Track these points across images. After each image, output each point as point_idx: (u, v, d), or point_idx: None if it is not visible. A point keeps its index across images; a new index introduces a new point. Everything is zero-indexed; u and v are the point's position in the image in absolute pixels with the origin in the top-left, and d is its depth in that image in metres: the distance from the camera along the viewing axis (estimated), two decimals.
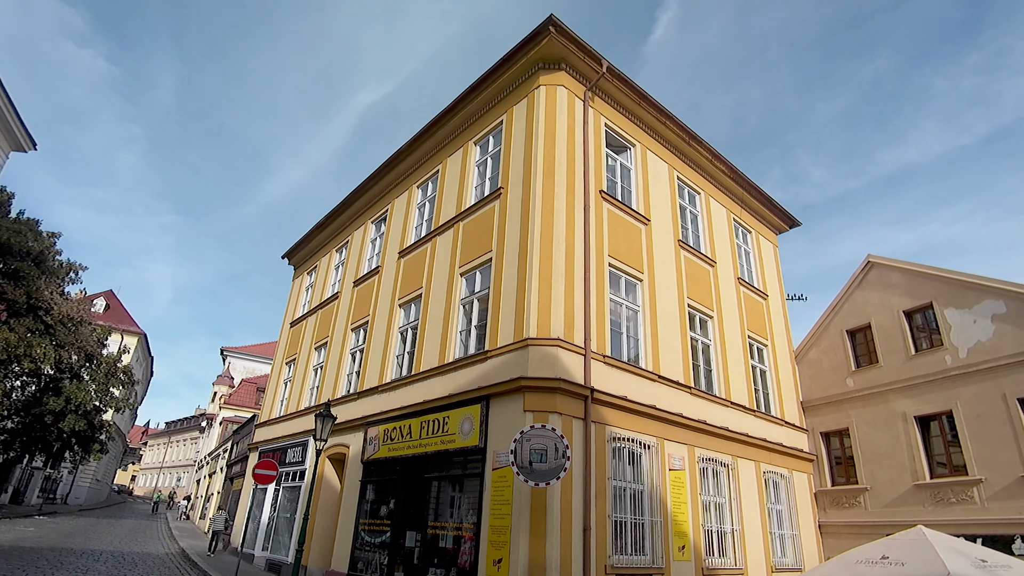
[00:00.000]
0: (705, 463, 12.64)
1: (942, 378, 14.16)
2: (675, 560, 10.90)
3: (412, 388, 12.81)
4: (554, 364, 10.06)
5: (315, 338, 19.37)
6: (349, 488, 14.05)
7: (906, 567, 10.32)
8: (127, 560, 16.26)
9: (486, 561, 9.45)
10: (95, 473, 44.57)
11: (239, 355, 54.19)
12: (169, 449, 75.02)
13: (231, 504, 25.14)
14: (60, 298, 25.37)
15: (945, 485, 13.58)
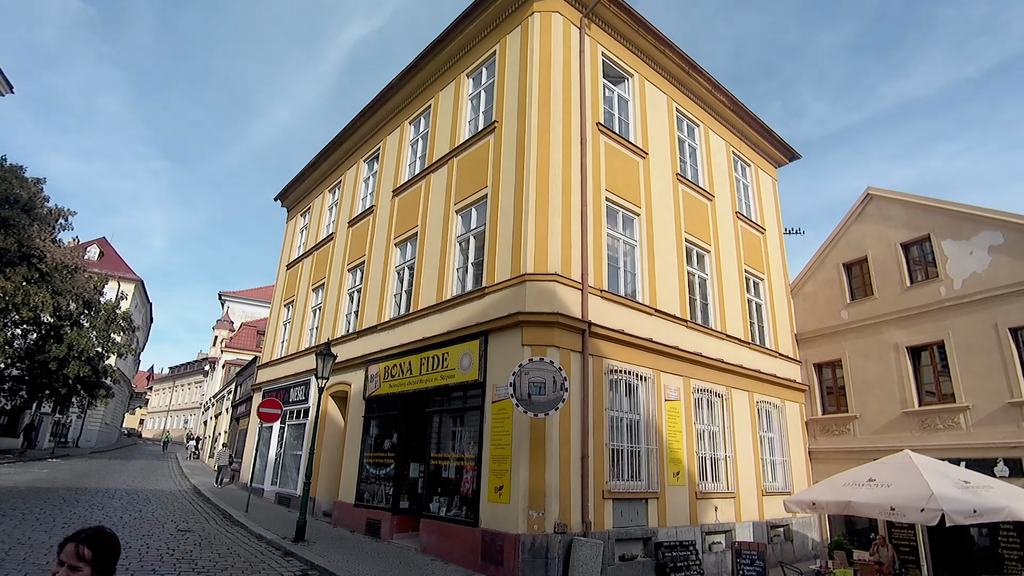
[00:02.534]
0: (700, 394, 12.93)
1: (935, 309, 14.30)
2: (670, 485, 11.33)
3: (411, 326, 12.91)
4: (551, 299, 10.10)
5: (312, 280, 19.37)
6: (353, 424, 14.40)
7: (892, 488, 10.77)
8: (141, 497, 16.81)
9: (488, 488, 9.80)
10: (104, 417, 45.55)
11: (237, 299, 54.34)
12: (175, 393, 76.46)
13: (238, 443, 25.86)
14: (53, 245, 25.19)
15: (933, 412, 13.95)
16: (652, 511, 10.89)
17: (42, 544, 9.46)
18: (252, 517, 13.79)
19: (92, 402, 31.83)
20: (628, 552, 10.29)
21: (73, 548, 2.13)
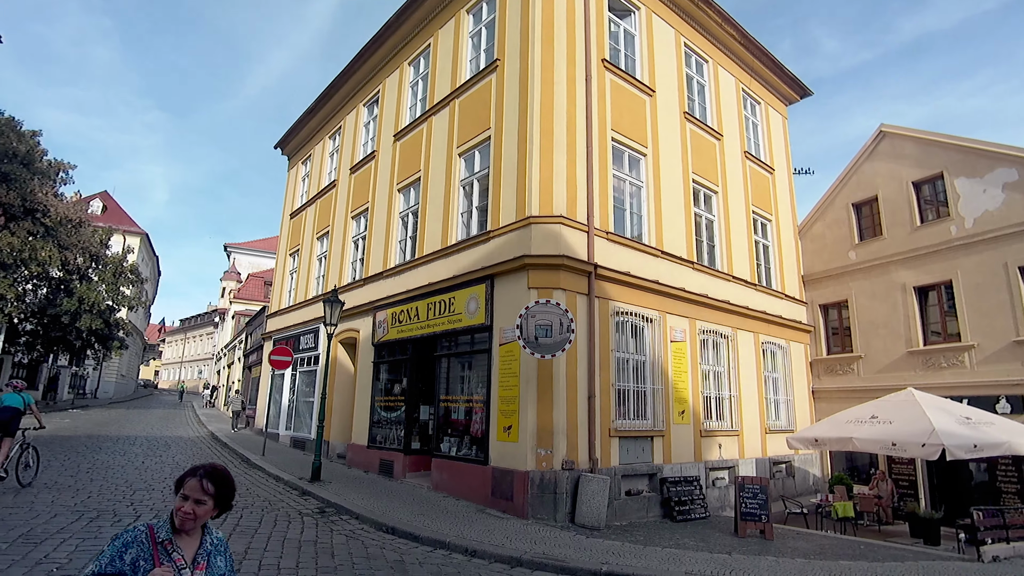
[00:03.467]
0: (705, 335, 13.01)
1: (945, 248, 14.17)
2: (675, 423, 11.55)
3: (417, 272, 12.92)
4: (557, 241, 10.04)
5: (316, 228, 19.30)
6: (363, 369, 14.64)
7: (893, 425, 10.95)
8: (161, 443, 17.32)
9: (497, 428, 10.02)
10: (119, 369, 46.48)
11: (243, 251, 54.42)
12: (187, 345, 77.76)
13: (252, 390, 26.44)
14: (56, 200, 25.11)
15: (937, 351, 14.02)
16: (657, 448, 11.15)
17: (68, 487, 9.83)
18: (269, 460, 14.23)
19: (107, 354, 32.41)
20: (634, 487, 10.60)
21: (197, 483, 2.20)
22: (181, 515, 2.18)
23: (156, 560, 2.09)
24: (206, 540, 2.29)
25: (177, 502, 2.21)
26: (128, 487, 10.11)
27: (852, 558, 8.48)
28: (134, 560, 2.06)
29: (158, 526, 2.20)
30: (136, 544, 2.10)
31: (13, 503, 8.28)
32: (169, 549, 2.15)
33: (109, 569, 2.03)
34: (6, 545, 6.28)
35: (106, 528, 7.28)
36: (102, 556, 2.06)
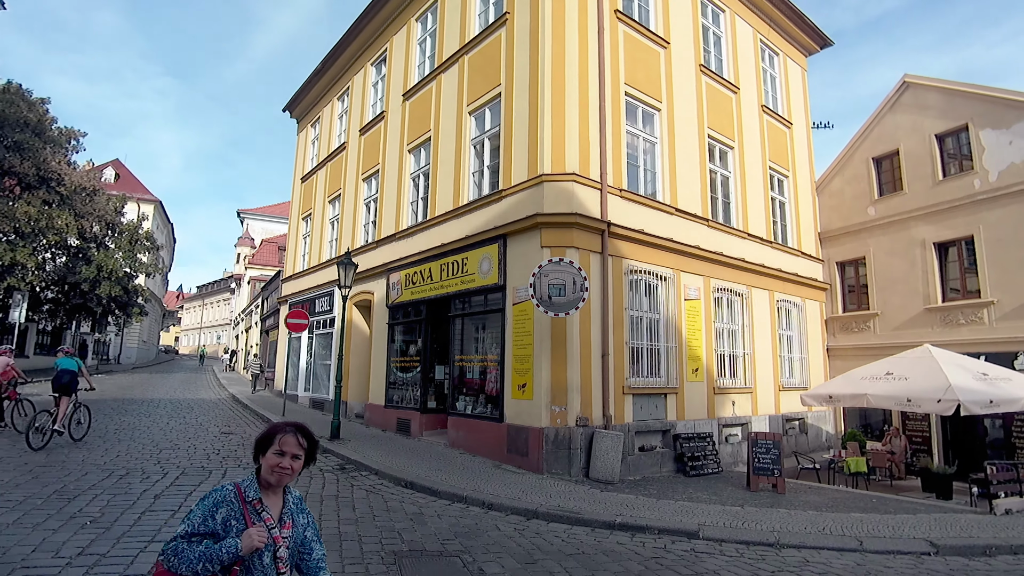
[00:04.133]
0: (720, 293, 12.94)
1: (968, 203, 13.84)
2: (688, 381, 11.60)
3: (429, 233, 12.89)
4: (570, 199, 9.93)
5: (328, 191, 19.26)
6: (378, 331, 14.80)
7: (909, 381, 10.91)
8: (184, 405, 17.76)
9: (511, 387, 10.13)
10: (140, 335, 47.42)
11: (256, 216, 54.62)
12: (205, 311, 79.03)
13: (270, 354, 26.91)
14: (69, 168, 25.25)
15: (955, 308, 13.85)
16: (671, 405, 11.24)
17: (98, 447, 10.17)
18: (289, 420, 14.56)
19: (127, 320, 33.02)
20: (647, 443, 10.74)
21: (294, 438, 2.20)
22: (279, 471, 2.16)
23: (248, 520, 2.07)
24: (288, 498, 2.28)
25: (271, 459, 2.17)
26: (155, 447, 10.43)
27: (863, 511, 8.57)
28: (225, 520, 2.04)
29: (245, 485, 2.18)
30: (226, 504, 2.07)
31: (46, 461, 8.58)
32: (258, 508, 2.13)
33: (202, 528, 2.01)
34: (41, 501, 6.53)
35: (135, 484, 7.54)
36: (192, 516, 2.04)
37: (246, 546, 2.00)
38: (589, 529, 6.86)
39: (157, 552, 5.25)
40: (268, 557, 2.08)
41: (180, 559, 1.94)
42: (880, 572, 5.85)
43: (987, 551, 6.71)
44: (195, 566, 1.93)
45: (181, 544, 1.96)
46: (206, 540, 1.99)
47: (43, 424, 9.65)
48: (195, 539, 1.99)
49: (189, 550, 1.95)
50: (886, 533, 7.16)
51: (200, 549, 1.95)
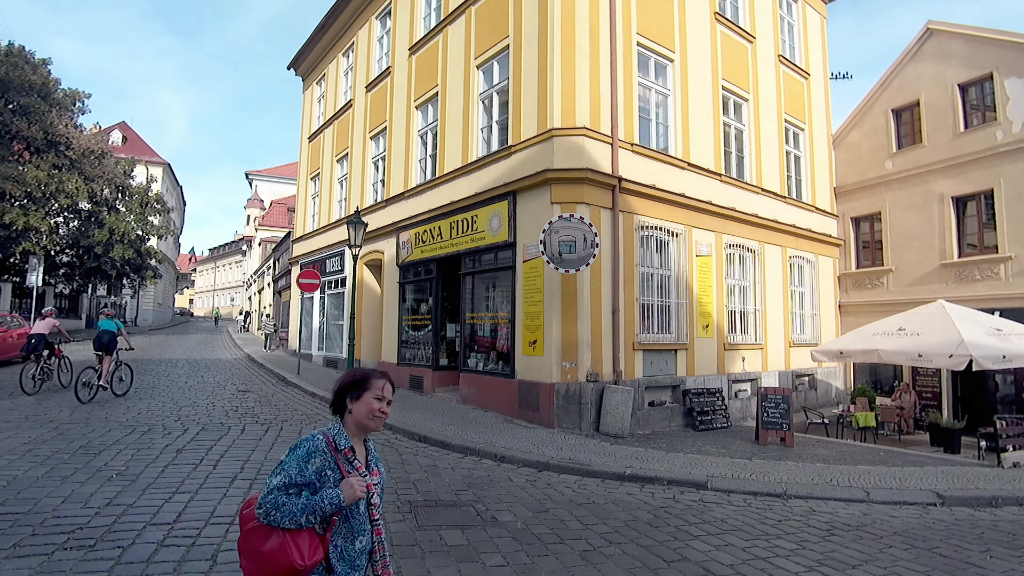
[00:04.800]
0: (732, 249, 12.82)
1: (989, 155, 13.49)
2: (699, 337, 11.62)
3: (438, 191, 12.79)
4: (580, 154, 9.77)
5: (335, 151, 19.09)
6: (389, 290, 14.88)
7: (921, 336, 10.86)
8: (201, 365, 18.11)
9: (522, 343, 10.21)
10: (155, 297, 48.06)
11: (265, 178, 54.41)
12: (217, 273, 79.76)
13: (283, 314, 27.24)
14: (76, 131, 25.15)
15: (971, 263, 13.65)
16: (681, 361, 11.30)
17: (119, 405, 10.44)
18: (304, 378, 14.82)
19: (142, 283, 33.43)
20: (657, 399, 10.84)
21: (390, 384, 2.17)
22: (380, 415, 2.11)
23: (342, 469, 2.01)
24: (369, 446, 2.23)
25: (372, 403, 2.10)
26: (174, 404, 10.68)
27: (871, 463, 8.66)
28: (319, 470, 1.96)
29: (333, 434, 2.09)
30: (319, 454, 1.99)
31: (70, 419, 8.83)
32: (350, 457, 2.07)
33: (298, 480, 1.93)
34: (68, 455, 6.74)
35: (157, 440, 7.75)
36: (286, 466, 1.95)
37: (348, 496, 1.96)
38: (599, 480, 7.01)
39: (174, 499, 5.44)
40: (363, 505, 2.06)
41: (282, 512, 1.88)
42: (885, 521, 5.94)
43: (993, 502, 6.78)
44: (298, 518, 1.88)
45: (280, 497, 1.89)
46: (304, 491, 1.93)
47: (89, 379, 10.45)
48: (292, 491, 1.92)
49: (290, 503, 1.89)
50: (893, 485, 7.25)
51: (301, 501, 1.90)
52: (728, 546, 4.96)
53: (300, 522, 1.88)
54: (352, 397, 2.12)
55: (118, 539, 4.41)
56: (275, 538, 1.88)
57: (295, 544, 1.87)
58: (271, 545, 1.87)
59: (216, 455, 7.14)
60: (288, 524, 1.87)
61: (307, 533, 1.91)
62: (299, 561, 1.85)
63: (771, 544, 5.07)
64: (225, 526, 4.79)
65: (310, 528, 1.91)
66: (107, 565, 3.96)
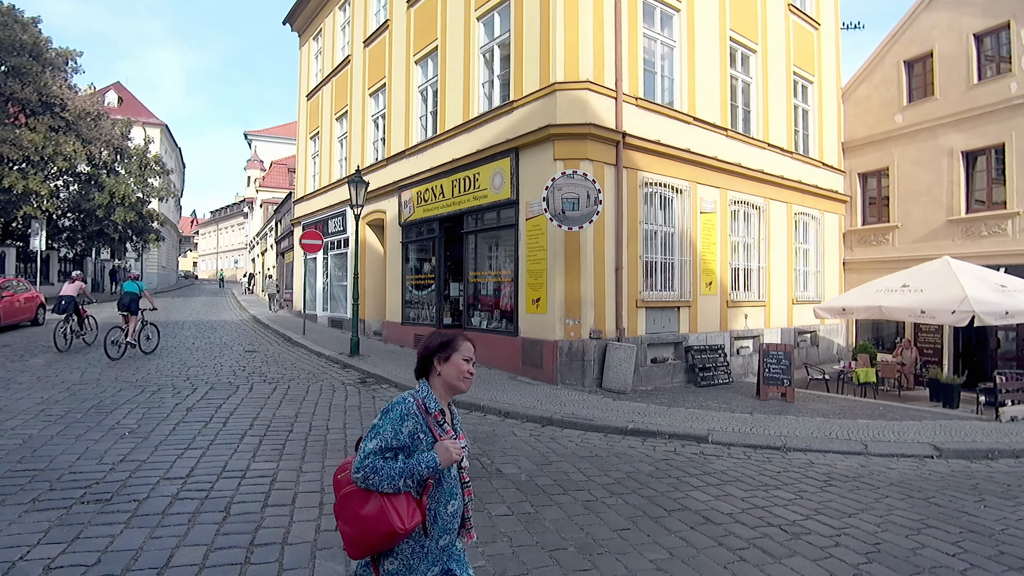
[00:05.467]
0: (737, 206, 12.70)
1: (1002, 108, 13.19)
2: (702, 294, 11.63)
3: (439, 148, 12.62)
4: (583, 109, 9.58)
5: (334, 108, 18.76)
6: (392, 250, 14.86)
7: (924, 293, 10.83)
8: (208, 326, 18.27)
9: (526, 301, 10.24)
10: (159, 260, 48.16)
11: (264, 138, 53.72)
12: (220, 235, 79.64)
13: (287, 275, 27.32)
14: (70, 92, 24.75)
15: (978, 219, 13.52)
16: (683, 318, 11.34)
17: (128, 367, 10.58)
18: (309, 339, 14.96)
19: (145, 246, 33.44)
20: (659, 355, 10.93)
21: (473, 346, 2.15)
22: (468, 377, 2.08)
23: (434, 433, 1.98)
24: (453, 409, 2.18)
25: (461, 365, 2.07)
26: (183, 364, 10.82)
27: (870, 418, 8.78)
28: (412, 433, 1.93)
29: (423, 396, 2.04)
30: (412, 417, 1.94)
31: (80, 380, 8.97)
32: (440, 420, 2.03)
33: (393, 443, 1.90)
34: (80, 415, 6.88)
35: (167, 399, 7.89)
36: (381, 429, 1.92)
37: (444, 459, 1.92)
38: (602, 435, 7.13)
39: (186, 455, 5.57)
40: (454, 468, 2.05)
41: (380, 476, 1.85)
42: (882, 473, 6.06)
43: (989, 455, 6.89)
44: (396, 482, 1.86)
45: (377, 461, 1.86)
46: (399, 455, 1.91)
47: (117, 338, 11.10)
48: (387, 455, 1.89)
49: (387, 467, 1.86)
50: (891, 438, 7.36)
51: (399, 465, 1.87)
52: (727, 496, 5.07)
53: (398, 486, 1.86)
54: (440, 358, 2.08)
55: (133, 493, 4.53)
56: (374, 502, 1.86)
57: (394, 508, 1.85)
58: (370, 509, 1.85)
59: (225, 413, 7.28)
60: (386, 488, 1.85)
61: (404, 497, 1.89)
62: (400, 525, 1.84)
63: (769, 494, 5.18)
64: (237, 480, 4.92)
65: (407, 492, 1.89)
66: (124, 517, 4.08)
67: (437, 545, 1.97)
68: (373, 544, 1.87)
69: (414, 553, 1.92)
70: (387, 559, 1.92)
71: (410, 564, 1.92)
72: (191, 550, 3.63)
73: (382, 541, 1.86)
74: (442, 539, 1.99)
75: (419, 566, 1.93)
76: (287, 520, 4.15)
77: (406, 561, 1.92)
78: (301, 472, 5.21)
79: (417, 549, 1.92)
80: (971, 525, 4.60)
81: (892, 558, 3.94)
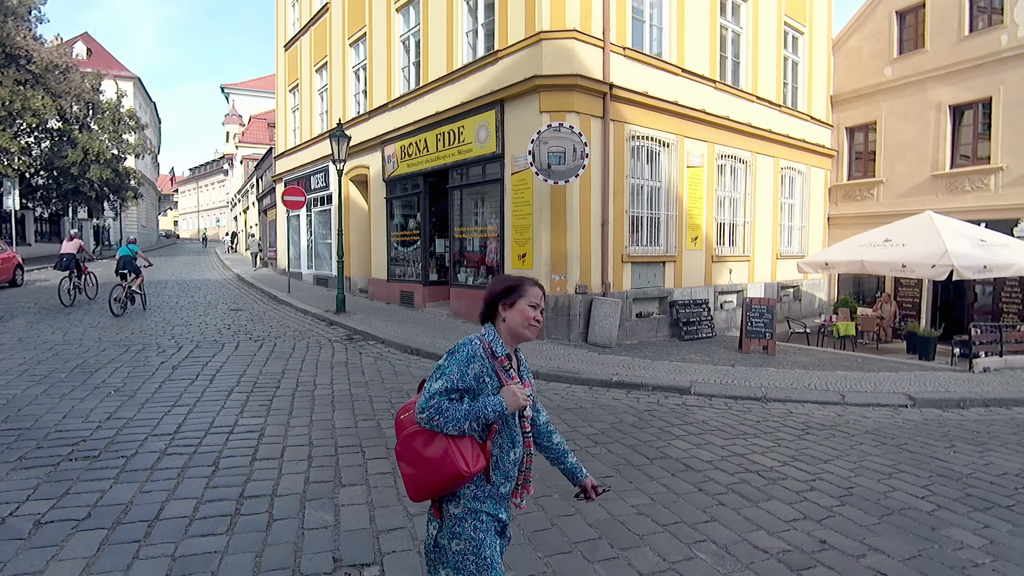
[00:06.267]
0: (724, 160, 12.62)
1: (991, 61, 13.08)
2: (687, 249, 11.67)
3: (422, 101, 12.32)
4: (570, 59, 9.35)
5: (314, 60, 18.15)
6: (376, 206, 14.67)
7: (906, 247, 10.95)
8: (191, 285, 18.08)
9: (511, 256, 10.21)
10: (138, 219, 47.16)
11: (241, 91, 52.02)
12: (200, 193, 77.95)
13: (270, 234, 26.98)
14: (36, 43, 23.61)
15: (962, 175, 13.57)
16: (668, 273, 11.40)
17: (111, 326, 10.47)
18: (295, 296, 14.88)
19: (123, 204, 32.67)
20: (644, 310, 11.03)
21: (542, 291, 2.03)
22: (536, 324, 1.97)
23: (500, 377, 1.90)
24: (521, 357, 2.06)
25: (527, 311, 1.95)
26: (167, 324, 10.74)
27: (848, 369, 9.00)
28: (478, 376, 1.86)
29: (490, 339, 1.95)
30: (478, 359, 1.87)
31: (63, 340, 8.87)
32: (506, 365, 1.93)
33: (460, 385, 1.83)
34: (64, 374, 6.83)
35: (152, 358, 7.85)
36: (447, 371, 1.84)
37: (511, 403, 1.85)
38: (587, 387, 7.25)
39: (173, 412, 5.58)
40: (517, 416, 1.97)
41: (445, 418, 1.78)
42: (858, 422, 6.24)
43: (961, 403, 7.12)
44: (461, 424, 1.79)
45: (443, 401, 1.80)
46: (465, 397, 1.85)
47: (118, 296, 11.57)
48: (453, 396, 1.83)
49: (453, 408, 1.80)
50: (867, 388, 7.56)
51: (464, 407, 1.81)
52: (708, 444, 5.21)
53: (463, 428, 1.79)
54: (505, 304, 1.98)
55: (121, 450, 4.55)
56: (438, 443, 1.80)
57: (459, 450, 1.79)
58: (434, 450, 1.79)
59: (211, 371, 7.27)
60: (451, 430, 1.79)
61: (469, 440, 1.82)
62: (464, 468, 1.78)
63: (748, 442, 5.33)
64: (225, 435, 4.95)
65: (471, 436, 1.83)
66: (113, 473, 4.10)
67: (498, 492, 1.92)
68: (436, 487, 1.82)
69: (476, 498, 1.88)
70: (450, 503, 1.88)
71: (474, 506, 1.88)
72: (181, 503, 3.67)
73: (446, 483, 1.80)
74: (503, 486, 1.94)
75: (483, 507, 1.89)
76: (276, 473, 4.20)
77: (469, 504, 1.87)
78: (289, 427, 5.25)
79: (479, 494, 1.88)
80: (940, 470, 4.78)
81: (864, 501, 4.10)
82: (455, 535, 1.86)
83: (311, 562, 3.05)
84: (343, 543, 3.25)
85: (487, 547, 1.86)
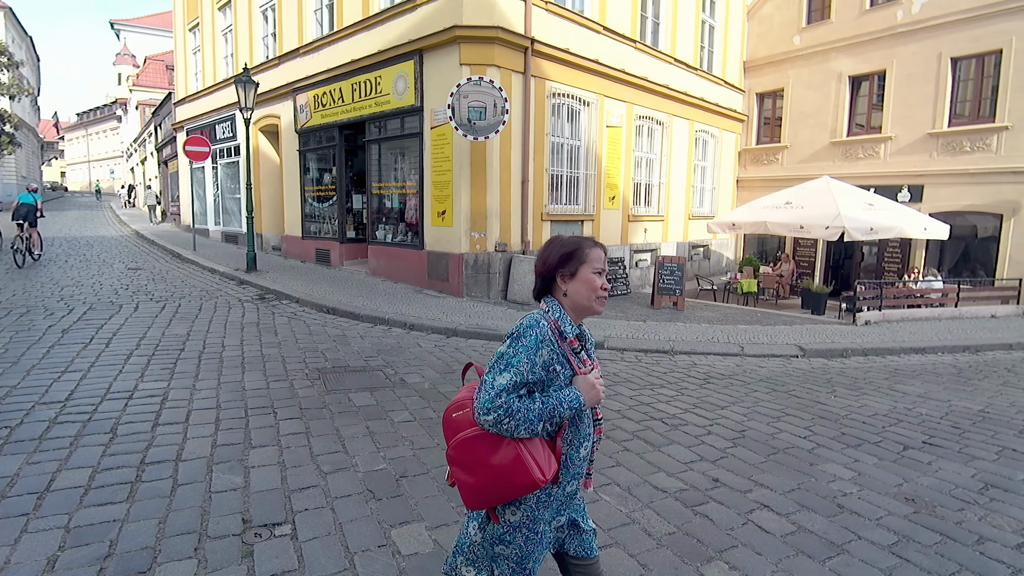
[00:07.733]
0: (642, 121, 12.88)
1: (887, 35, 13.92)
2: (605, 209, 11.94)
3: (337, 47, 11.65)
4: (491, 10, 9.10)
5: None
6: (288, 159, 13.93)
7: (805, 209, 11.74)
8: (82, 243, 16.61)
9: (431, 214, 10.06)
10: (18, 170, 42.31)
11: (134, 28, 47.10)
12: (90, 142, 70.80)
13: (172, 187, 25.09)
14: None
15: (857, 143, 14.55)
16: (587, 232, 11.65)
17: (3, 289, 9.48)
18: (201, 255, 14.04)
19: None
20: None
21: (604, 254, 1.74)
22: (603, 294, 1.68)
23: (572, 363, 1.64)
24: (587, 333, 1.78)
25: (593, 280, 1.67)
26: (55, 284, 9.87)
27: (748, 323, 9.65)
28: (547, 364, 1.59)
29: (556, 316, 1.66)
30: (547, 343, 1.59)
31: None
32: (575, 348, 1.67)
33: (530, 377, 1.55)
34: None
35: (39, 321, 7.21)
36: (514, 360, 1.54)
37: (590, 398, 1.62)
38: None
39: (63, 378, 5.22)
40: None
41: (516, 420, 1.51)
42: (754, 371, 6.75)
43: (844, 353, 7.84)
44: (535, 426, 1.54)
45: (512, 400, 1.52)
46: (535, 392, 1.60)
47: (19, 247, 11.55)
48: (522, 391, 1.55)
49: (524, 408, 1.52)
50: (764, 340, 8.16)
51: (537, 406, 1.54)
52: (618, 395, 5.47)
53: (535, 430, 1.55)
54: (564, 274, 1.69)
55: (3, 420, 4.20)
56: (508, 449, 1.54)
57: (532, 455, 1.55)
58: (503, 458, 1.54)
59: (107, 334, 6.79)
60: (523, 433, 1.53)
61: (539, 441, 1.59)
62: (540, 476, 1.54)
63: (655, 392, 5.65)
64: (123, 401, 4.68)
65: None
66: None
67: (564, 492, 1.72)
68: (503, 496, 1.60)
69: (539, 502, 1.67)
70: (509, 509, 1.67)
71: (535, 515, 1.67)
72: (74, 473, 3.46)
73: (515, 493, 1.58)
74: (570, 485, 1.72)
75: (544, 515, 1.69)
76: (180, 438, 4.03)
77: (531, 512, 1.66)
78: (195, 390, 5.02)
79: (543, 497, 1.67)
80: (822, 412, 5.28)
81: (754, 442, 4.47)
82: (503, 541, 1.69)
83: (219, 525, 2.98)
84: (253, 504, 3.19)
85: (531, 560, 1.70)
